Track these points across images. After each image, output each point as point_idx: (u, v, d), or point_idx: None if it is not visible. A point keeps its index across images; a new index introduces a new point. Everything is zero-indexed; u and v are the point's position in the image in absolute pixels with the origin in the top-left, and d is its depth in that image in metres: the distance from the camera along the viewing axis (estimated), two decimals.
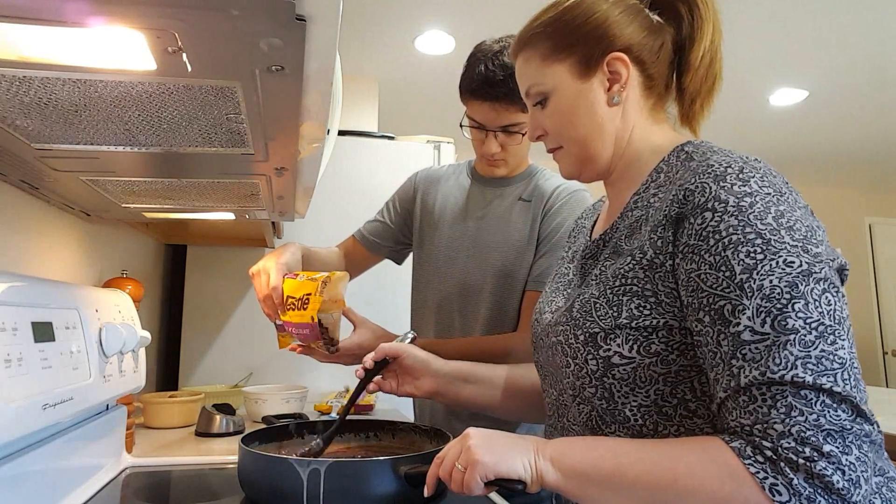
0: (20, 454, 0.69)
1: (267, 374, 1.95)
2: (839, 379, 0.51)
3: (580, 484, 0.60)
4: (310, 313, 1.02)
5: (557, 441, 0.65)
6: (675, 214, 0.62)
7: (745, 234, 0.56)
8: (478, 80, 1.15)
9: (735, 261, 0.56)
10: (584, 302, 0.70)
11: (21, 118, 0.64)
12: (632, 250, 0.67)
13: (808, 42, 2.88)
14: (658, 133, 0.76)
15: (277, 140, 0.73)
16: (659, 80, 0.76)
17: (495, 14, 2.61)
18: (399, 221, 1.42)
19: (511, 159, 1.26)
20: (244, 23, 0.45)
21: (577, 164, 0.78)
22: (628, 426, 0.66)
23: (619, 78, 0.73)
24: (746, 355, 0.54)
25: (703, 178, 0.61)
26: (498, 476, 0.63)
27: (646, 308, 0.63)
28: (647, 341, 0.63)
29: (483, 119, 1.20)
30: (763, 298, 0.54)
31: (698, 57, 0.73)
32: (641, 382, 0.64)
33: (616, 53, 0.72)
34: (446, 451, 0.69)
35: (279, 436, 0.99)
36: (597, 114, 0.74)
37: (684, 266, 0.60)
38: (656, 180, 0.71)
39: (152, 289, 1.88)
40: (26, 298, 0.71)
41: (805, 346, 0.52)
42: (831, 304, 0.54)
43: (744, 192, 0.58)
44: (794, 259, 0.55)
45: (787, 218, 0.57)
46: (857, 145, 4.41)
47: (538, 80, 0.77)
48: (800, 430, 0.51)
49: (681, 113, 0.77)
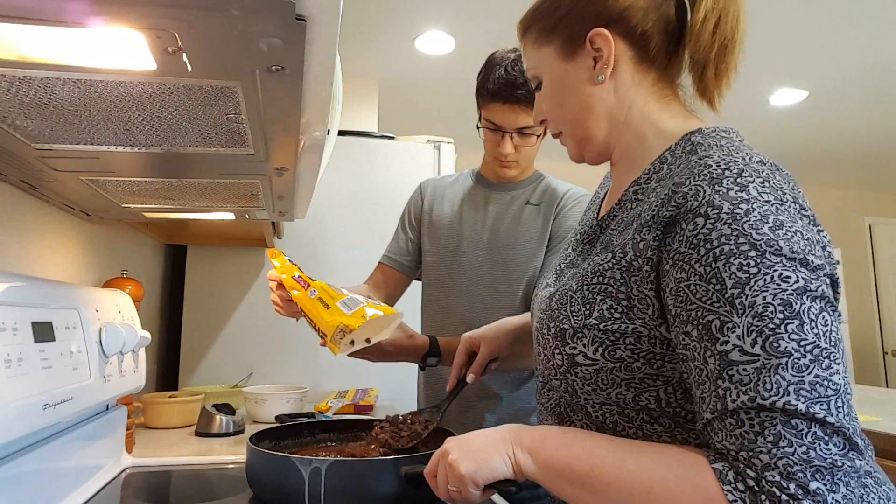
0: (20, 454, 0.69)
1: (267, 374, 1.96)
2: (832, 407, 0.48)
3: (555, 479, 0.59)
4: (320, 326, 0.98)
5: (536, 431, 0.64)
6: (664, 217, 0.58)
7: (738, 245, 0.52)
8: (499, 83, 1.20)
9: (726, 274, 0.52)
10: (562, 294, 0.68)
11: (21, 118, 0.64)
12: (616, 247, 0.64)
13: (808, 42, 2.88)
14: (663, 112, 0.71)
15: (277, 140, 0.73)
16: (658, 52, 0.70)
17: (495, 14, 2.61)
18: (417, 233, 1.43)
19: (523, 161, 1.29)
20: (244, 23, 0.45)
21: (576, 146, 0.76)
22: (591, 420, 0.66)
23: (602, 54, 0.69)
24: (734, 377, 0.51)
25: (698, 179, 0.57)
26: (484, 482, 0.63)
27: (616, 311, 0.61)
28: (613, 346, 0.61)
29: (501, 121, 1.23)
30: (755, 317, 0.50)
31: (699, 20, 0.66)
32: (603, 384, 0.63)
33: (597, 29, 0.68)
34: (434, 466, 0.69)
35: (291, 434, 1.00)
36: (584, 93, 0.71)
37: (673, 274, 0.56)
38: (659, 171, 0.66)
39: (152, 289, 1.89)
40: (26, 298, 0.71)
41: (798, 370, 0.49)
42: (827, 325, 0.50)
43: (740, 199, 0.54)
44: (790, 274, 0.51)
45: (787, 229, 0.53)
46: (857, 145, 4.41)
47: (532, 63, 0.76)
48: (787, 464, 0.47)
49: (695, 84, 0.70)
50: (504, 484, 0.63)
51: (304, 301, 0.98)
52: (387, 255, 1.43)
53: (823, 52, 2.97)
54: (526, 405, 1.27)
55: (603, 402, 0.64)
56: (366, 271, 1.47)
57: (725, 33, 0.66)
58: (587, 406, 0.66)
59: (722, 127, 0.67)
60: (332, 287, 1.00)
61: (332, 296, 0.97)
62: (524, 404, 1.27)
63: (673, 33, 0.70)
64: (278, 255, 1.09)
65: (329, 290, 0.99)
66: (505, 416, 1.26)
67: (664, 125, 0.70)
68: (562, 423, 0.70)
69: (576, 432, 0.62)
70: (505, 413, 1.26)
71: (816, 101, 3.59)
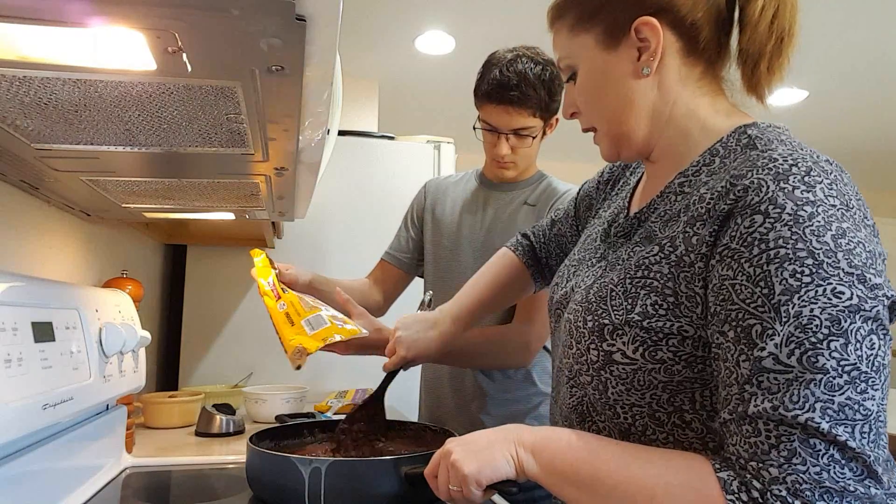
0: (20, 454, 0.69)
1: (267, 374, 1.95)
2: (857, 432, 0.46)
3: (557, 481, 0.59)
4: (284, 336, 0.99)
5: (539, 431, 0.63)
6: (722, 211, 0.54)
7: (795, 250, 0.49)
8: (492, 85, 1.20)
9: (777, 279, 0.49)
10: (602, 286, 0.65)
11: (21, 118, 0.64)
12: (663, 240, 0.60)
13: (808, 42, 2.88)
14: (710, 107, 0.66)
15: (277, 140, 0.73)
16: (707, 44, 0.65)
17: (495, 14, 2.61)
18: (419, 231, 1.44)
19: (521, 162, 1.29)
20: (244, 23, 0.45)
21: (612, 145, 0.70)
22: (617, 422, 0.63)
23: (648, 45, 0.64)
24: (763, 383, 0.48)
25: (761, 172, 0.53)
26: (487, 482, 0.63)
27: (662, 307, 0.58)
28: (655, 347, 0.58)
29: (496, 122, 1.24)
30: (797, 328, 0.47)
31: (756, 10, 0.61)
32: (639, 385, 0.60)
33: (644, 18, 0.63)
34: (435, 466, 0.69)
35: (291, 434, 1.00)
36: (626, 87, 0.66)
37: (719, 270, 0.53)
38: (710, 164, 0.62)
39: (152, 289, 1.88)
40: (26, 298, 0.71)
41: (831, 389, 0.46)
42: (874, 349, 0.47)
43: (805, 200, 0.50)
44: (844, 290, 0.47)
45: (849, 239, 0.49)
46: (857, 145, 4.41)
47: (566, 52, 0.71)
48: (795, 481, 0.46)
49: (744, 78, 0.65)
50: (505, 484, 0.63)
51: (272, 310, 1.02)
52: (388, 252, 1.44)
53: (823, 52, 2.97)
54: (522, 407, 1.27)
55: (634, 402, 0.61)
56: (366, 271, 1.48)
57: (784, 25, 0.61)
58: (616, 406, 0.63)
59: (776, 122, 0.63)
60: (303, 301, 1.02)
61: (299, 312, 0.99)
62: (521, 406, 1.27)
63: (723, 24, 0.65)
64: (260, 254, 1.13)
65: (298, 305, 1.01)
66: (501, 417, 1.26)
67: (711, 122, 0.66)
68: (583, 421, 0.67)
69: (580, 434, 0.62)
70: (500, 415, 1.26)
71: (816, 101, 3.59)
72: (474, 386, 1.28)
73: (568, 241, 0.98)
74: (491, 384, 1.27)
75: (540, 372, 1.27)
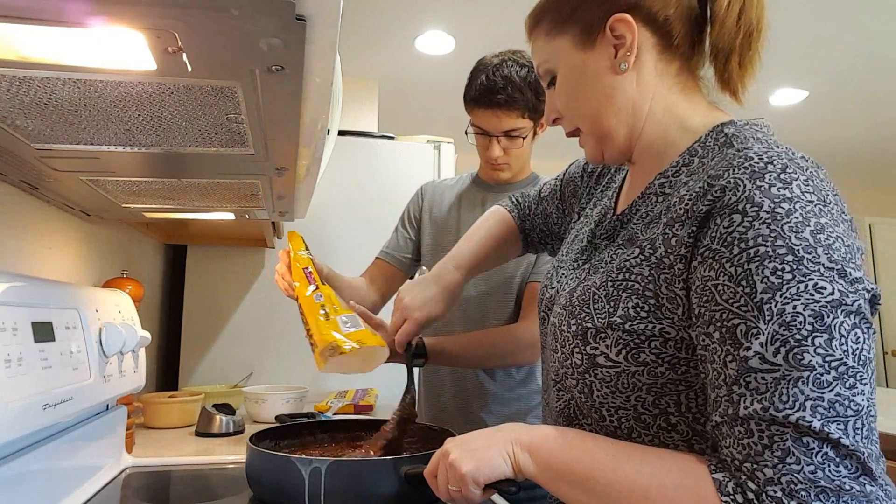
0: (20, 454, 0.69)
1: (267, 374, 1.95)
2: (850, 428, 0.46)
3: (554, 479, 0.59)
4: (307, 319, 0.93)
5: (537, 431, 0.63)
6: (700, 211, 0.55)
7: (774, 248, 0.49)
8: (480, 90, 1.24)
9: (758, 277, 0.49)
10: (585, 289, 0.66)
11: (21, 118, 0.64)
12: (643, 242, 0.61)
13: (808, 42, 2.88)
14: (687, 105, 0.67)
15: (277, 140, 0.73)
16: (681, 40, 0.66)
17: (495, 14, 2.61)
18: (417, 232, 1.45)
19: (514, 163, 1.32)
20: (244, 23, 0.45)
21: (596, 145, 0.71)
22: (603, 425, 0.64)
23: (624, 41, 0.65)
24: (751, 384, 0.48)
25: (737, 172, 0.53)
26: (485, 481, 0.63)
27: (643, 310, 0.58)
28: (638, 349, 0.58)
29: (487, 125, 1.27)
30: (781, 325, 0.47)
31: (723, 6, 0.63)
32: (624, 387, 0.60)
33: (619, 15, 0.64)
34: (434, 466, 0.69)
35: (291, 434, 1.00)
36: (605, 83, 0.67)
37: (701, 271, 0.53)
38: (689, 164, 0.63)
39: (152, 289, 1.88)
40: (26, 298, 0.71)
41: (819, 386, 0.46)
42: (859, 343, 0.47)
43: (782, 197, 0.50)
44: (825, 285, 0.48)
45: (828, 234, 0.49)
46: (857, 145, 4.41)
47: (544, 56, 0.72)
48: (790, 481, 0.46)
49: (717, 74, 0.66)
50: (504, 484, 0.63)
51: (303, 298, 0.96)
52: (385, 252, 1.45)
53: (823, 52, 2.97)
54: (524, 405, 1.27)
55: (620, 405, 0.61)
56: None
57: (751, 19, 0.63)
58: (602, 409, 0.63)
59: (754, 119, 0.64)
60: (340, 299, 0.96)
61: (337, 309, 0.92)
62: (522, 405, 1.27)
63: (696, 21, 0.66)
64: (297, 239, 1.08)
65: (335, 300, 0.95)
66: (502, 416, 1.26)
67: (688, 119, 0.67)
68: (570, 425, 0.68)
69: (577, 433, 0.62)
70: (502, 413, 1.27)
71: (816, 101, 3.59)
72: (475, 385, 1.28)
73: (553, 221, 0.99)
74: (492, 383, 1.28)
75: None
